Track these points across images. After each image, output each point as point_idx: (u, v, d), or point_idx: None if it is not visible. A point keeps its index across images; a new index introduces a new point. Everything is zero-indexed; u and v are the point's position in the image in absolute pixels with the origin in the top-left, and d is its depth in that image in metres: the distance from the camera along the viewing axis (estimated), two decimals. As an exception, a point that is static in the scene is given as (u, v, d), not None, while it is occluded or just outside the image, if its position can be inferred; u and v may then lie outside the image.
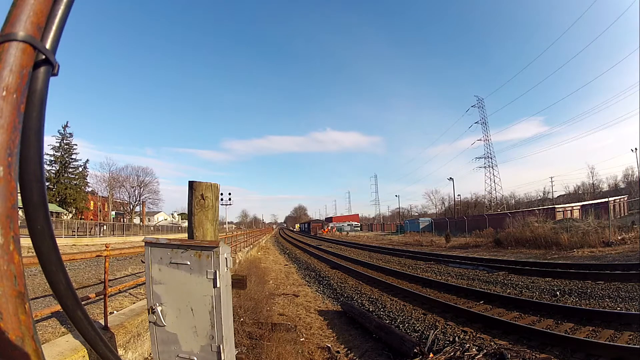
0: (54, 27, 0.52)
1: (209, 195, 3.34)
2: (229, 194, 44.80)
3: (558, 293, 8.17)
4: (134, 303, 5.43)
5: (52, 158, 49.01)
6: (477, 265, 13.71)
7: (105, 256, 4.15)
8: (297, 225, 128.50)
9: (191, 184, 3.36)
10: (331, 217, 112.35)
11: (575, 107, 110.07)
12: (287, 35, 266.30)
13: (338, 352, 5.64)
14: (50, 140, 47.91)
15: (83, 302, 1.26)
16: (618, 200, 35.13)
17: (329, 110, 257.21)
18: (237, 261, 13.67)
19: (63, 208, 48.16)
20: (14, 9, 0.47)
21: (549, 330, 5.43)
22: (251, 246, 22.26)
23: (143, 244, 3.14)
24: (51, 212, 10.80)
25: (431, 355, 4.98)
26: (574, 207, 34.93)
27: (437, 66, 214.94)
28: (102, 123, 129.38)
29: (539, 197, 66.68)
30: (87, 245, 26.33)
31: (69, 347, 3.33)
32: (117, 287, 5.27)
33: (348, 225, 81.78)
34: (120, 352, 3.93)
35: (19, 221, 0.49)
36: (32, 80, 0.49)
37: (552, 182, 69.10)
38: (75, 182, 51.77)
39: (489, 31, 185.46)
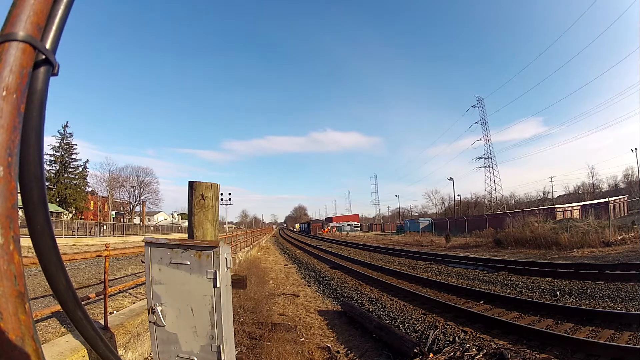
0: (54, 27, 0.52)
1: (209, 195, 3.34)
2: (229, 194, 44.79)
3: (558, 293, 8.17)
4: (134, 303, 5.43)
5: (52, 158, 49.00)
6: (477, 265, 13.71)
7: (105, 256, 4.14)
8: (297, 225, 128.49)
9: (191, 184, 3.35)
10: (331, 217, 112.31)
11: (575, 107, 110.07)
12: (287, 36, 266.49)
13: (338, 352, 5.64)
14: (50, 140, 47.98)
15: (83, 302, 1.26)
16: (618, 200, 35.13)
17: (328, 111, 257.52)
18: (237, 261, 13.67)
19: (63, 208, 48.15)
20: (14, 9, 0.47)
21: (549, 330, 5.43)
22: (251, 246, 22.25)
23: (143, 244, 3.14)
24: (51, 212, 10.80)
25: (431, 355, 4.98)
26: (574, 207, 34.94)
27: (436, 67, 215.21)
28: (102, 123, 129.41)
29: (539, 197, 66.67)
30: (87, 245, 26.31)
31: (69, 347, 3.33)
32: (117, 287, 5.26)
33: (348, 225, 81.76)
34: (120, 352, 3.92)
35: (19, 221, 0.49)
36: (32, 80, 0.49)
37: (552, 182, 69.14)
38: (75, 182, 51.77)
39: (488, 31, 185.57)
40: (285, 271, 15.36)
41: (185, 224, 11.04)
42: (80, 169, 52.93)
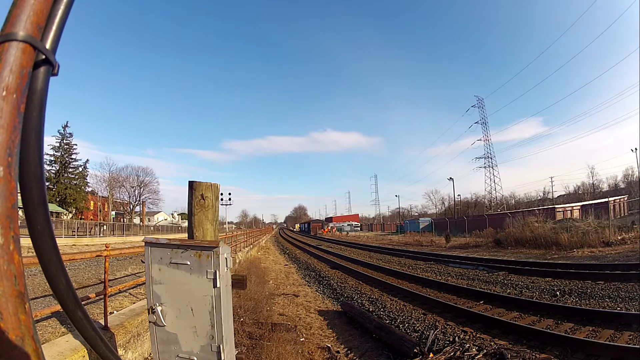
0: (54, 27, 0.52)
1: (209, 195, 3.34)
2: (229, 194, 44.84)
3: (558, 293, 8.17)
4: (134, 303, 5.43)
5: (52, 158, 49.00)
6: (477, 265, 13.71)
7: (105, 256, 4.14)
8: (297, 225, 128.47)
9: (191, 184, 3.35)
10: (331, 217, 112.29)
11: (575, 107, 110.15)
12: (287, 36, 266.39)
13: (338, 352, 5.64)
14: (50, 140, 47.99)
15: (83, 302, 1.26)
16: (618, 200, 35.13)
17: (329, 111, 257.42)
18: (237, 261, 13.67)
19: (63, 208, 48.14)
20: (14, 9, 0.47)
21: (549, 330, 5.43)
22: (251, 246, 22.25)
23: (143, 244, 3.14)
24: (51, 212, 10.80)
25: (431, 355, 4.98)
26: (574, 207, 34.94)
27: (436, 67, 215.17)
28: (102, 123, 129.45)
29: (539, 197, 66.68)
30: (87, 245, 26.31)
31: (69, 347, 3.33)
32: (117, 287, 5.27)
33: (348, 225, 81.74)
34: (120, 352, 3.92)
35: (19, 221, 0.49)
36: (32, 80, 0.49)
37: (552, 182, 69.15)
38: (75, 182, 51.77)
39: (489, 31, 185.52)
40: (285, 271, 15.36)
41: (185, 224, 11.04)
42: (80, 169, 52.98)
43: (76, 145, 52.22)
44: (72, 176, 51.56)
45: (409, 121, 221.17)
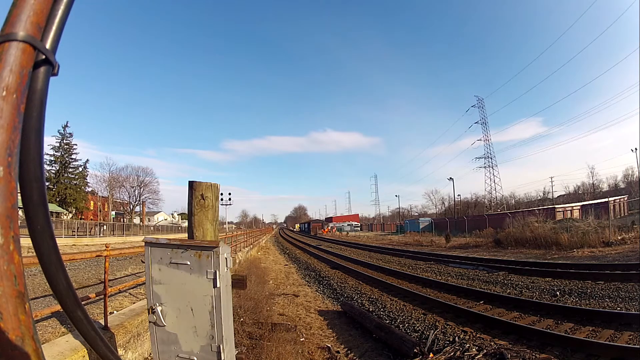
0: (54, 27, 0.52)
1: (209, 195, 3.34)
2: (229, 194, 44.81)
3: (558, 293, 8.17)
4: (134, 303, 5.43)
5: (52, 158, 49.01)
6: (477, 265, 13.71)
7: (105, 256, 4.14)
8: (297, 225, 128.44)
9: (191, 184, 3.35)
10: (331, 217, 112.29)
11: (575, 107, 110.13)
12: (288, 37, 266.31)
13: (338, 352, 5.64)
14: (50, 140, 48.01)
15: (83, 302, 1.26)
16: (618, 200, 35.15)
17: (329, 111, 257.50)
18: (237, 261, 13.67)
19: (63, 208, 48.16)
20: (14, 9, 0.47)
21: (549, 330, 5.43)
22: (251, 246, 22.25)
23: (143, 244, 3.14)
24: (51, 212, 10.79)
25: (431, 355, 4.98)
26: (574, 207, 34.95)
27: (436, 67, 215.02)
28: (102, 123, 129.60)
29: (539, 197, 66.69)
30: (87, 245, 26.31)
31: (69, 347, 3.33)
32: (117, 287, 5.27)
33: (348, 225, 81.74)
34: (120, 352, 3.92)
35: (19, 221, 0.49)
36: (32, 80, 0.49)
37: (552, 182, 69.17)
38: (75, 182, 51.79)
39: (488, 32, 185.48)
40: (285, 271, 15.36)
41: (185, 224, 11.03)
42: (80, 169, 53.00)
43: (76, 145, 52.33)
44: (72, 176, 51.57)
45: (409, 121, 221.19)
